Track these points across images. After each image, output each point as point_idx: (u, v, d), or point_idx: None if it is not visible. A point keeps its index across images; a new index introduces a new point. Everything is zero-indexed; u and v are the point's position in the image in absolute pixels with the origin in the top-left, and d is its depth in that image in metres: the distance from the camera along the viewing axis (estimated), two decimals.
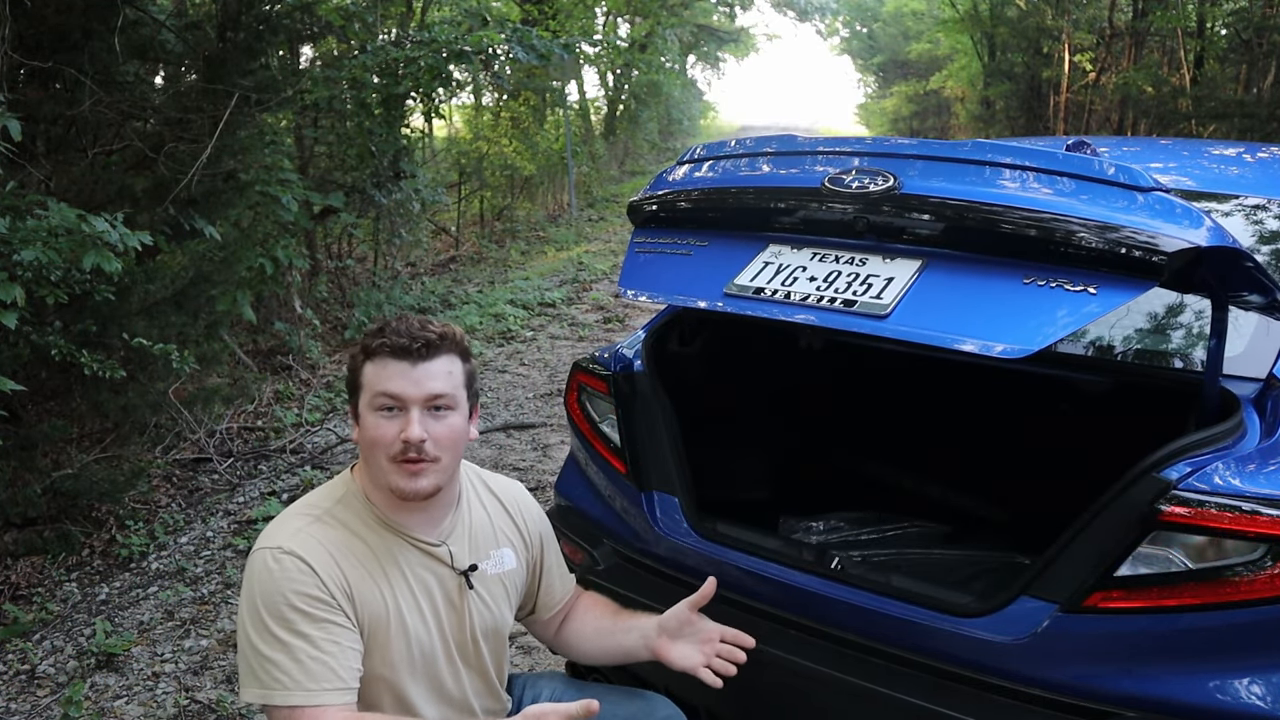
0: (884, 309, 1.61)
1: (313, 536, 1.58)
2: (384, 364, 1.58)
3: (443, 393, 1.60)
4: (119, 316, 3.86)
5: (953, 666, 1.73)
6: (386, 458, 1.58)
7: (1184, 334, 2.04)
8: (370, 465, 1.62)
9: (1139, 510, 1.56)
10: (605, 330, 7.58)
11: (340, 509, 1.64)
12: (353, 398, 1.64)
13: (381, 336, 1.59)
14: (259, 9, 4.58)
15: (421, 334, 1.59)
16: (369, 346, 1.60)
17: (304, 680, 1.49)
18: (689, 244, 1.97)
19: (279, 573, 1.52)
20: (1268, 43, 10.48)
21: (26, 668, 3.16)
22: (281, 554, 1.53)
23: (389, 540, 1.64)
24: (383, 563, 1.62)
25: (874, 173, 1.71)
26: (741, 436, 2.69)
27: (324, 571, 1.54)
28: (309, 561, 1.53)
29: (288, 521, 1.62)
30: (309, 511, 1.63)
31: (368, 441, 1.59)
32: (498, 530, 1.80)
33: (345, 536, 1.61)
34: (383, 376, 1.58)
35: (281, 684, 1.49)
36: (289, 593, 1.51)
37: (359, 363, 1.61)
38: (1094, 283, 1.47)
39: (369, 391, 1.59)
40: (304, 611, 1.51)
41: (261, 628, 1.51)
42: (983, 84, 16.85)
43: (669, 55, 20.27)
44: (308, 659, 1.49)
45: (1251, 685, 1.53)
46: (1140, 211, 1.47)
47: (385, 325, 1.61)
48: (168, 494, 4.50)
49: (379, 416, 1.58)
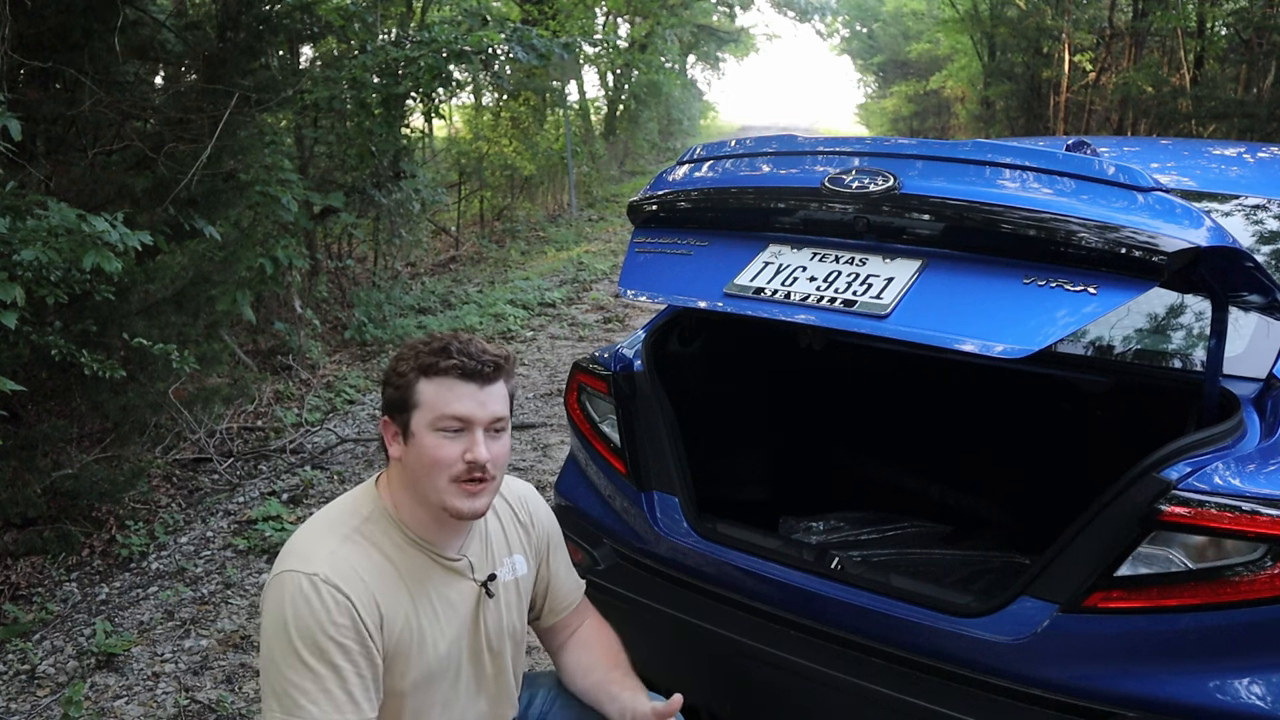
0: (884, 309, 1.61)
1: (347, 562, 1.56)
2: (450, 385, 1.57)
3: (503, 415, 1.61)
4: (119, 316, 3.86)
5: (953, 666, 1.73)
6: (449, 478, 1.57)
7: (1184, 334, 2.04)
8: (422, 484, 1.59)
9: (1139, 510, 1.56)
10: (605, 330, 7.58)
11: (369, 527, 1.62)
12: (401, 414, 1.60)
13: (449, 357, 1.57)
14: (259, 9, 4.58)
15: (490, 358, 1.59)
16: (432, 366, 1.57)
17: (330, 711, 1.49)
18: (689, 244, 1.98)
19: (317, 603, 1.51)
20: (1268, 43, 10.48)
21: (26, 668, 3.16)
22: (320, 582, 1.52)
23: (414, 559, 1.63)
24: (409, 584, 1.61)
25: (874, 173, 1.71)
26: (741, 436, 2.69)
27: (360, 604, 1.53)
28: (348, 595, 1.52)
29: (319, 541, 1.59)
30: (337, 529, 1.61)
31: (427, 461, 1.57)
32: (510, 537, 1.80)
33: (376, 559, 1.59)
34: (449, 398, 1.56)
35: (308, 712, 1.49)
36: (326, 624, 1.50)
37: (412, 380, 1.58)
38: (1094, 283, 1.47)
39: (430, 412, 1.57)
40: (339, 643, 1.51)
41: (291, 653, 1.50)
42: (983, 84, 16.84)
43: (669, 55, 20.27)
44: (336, 689, 1.50)
45: (1251, 685, 1.53)
46: (1140, 211, 1.47)
47: (447, 345, 1.59)
48: (168, 494, 4.50)
49: (441, 437, 1.56)
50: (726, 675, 2.07)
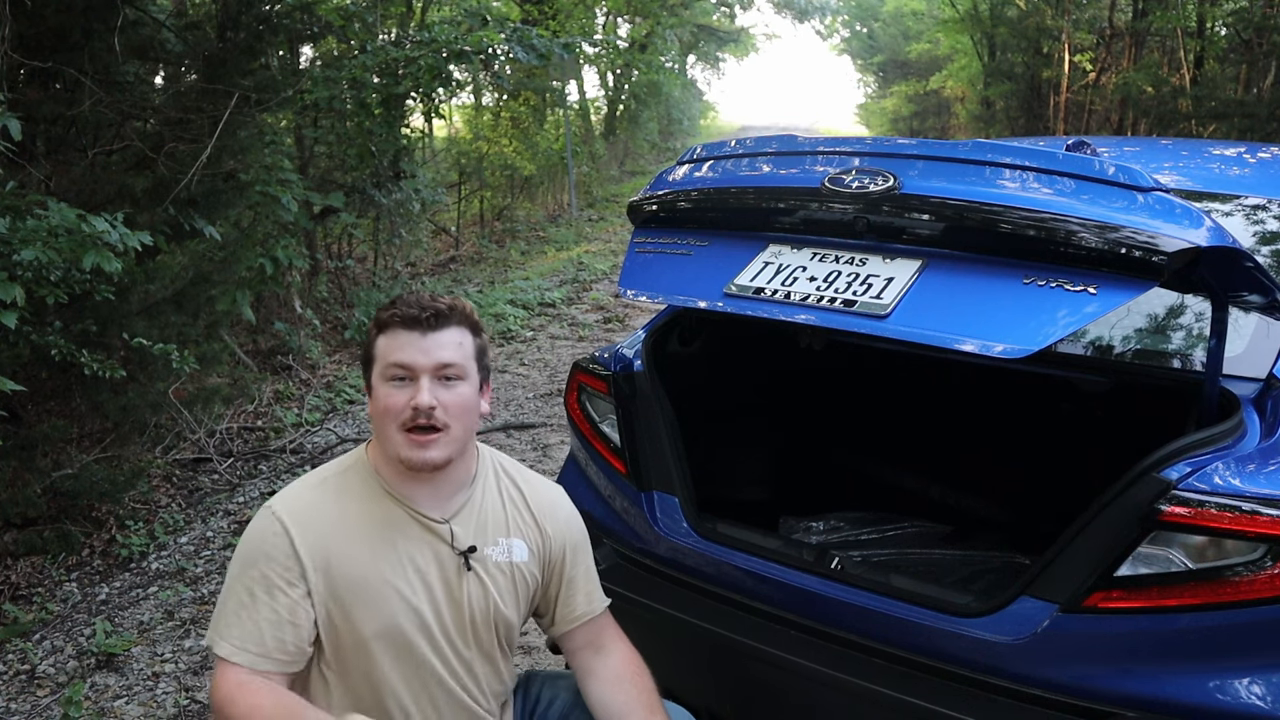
0: (884, 309, 1.61)
1: (304, 499, 1.65)
2: (395, 335, 1.63)
3: (452, 361, 1.64)
4: (119, 316, 3.86)
5: (953, 666, 1.73)
6: (397, 427, 1.61)
7: (1184, 334, 2.04)
8: (381, 437, 1.65)
9: (1139, 510, 1.56)
10: (605, 330, 7.58)
11: (343, 478, 1.69)
12: (366, 372, 1.68)
13: (393, 308, 1.64)
14: (259, 9, 4.58)
15: (431, 305, 1.64)
16: (381, 319, 1.65)
17: (234, 635, 1.56)
18: (689, 244, 1.98)
19: (258, 532, 1.61)
20: (1268, 43, 10.48)
21: (26, 668, 3.16)
22: (270, 515, 1.61)
23: (389, 510, 1.66)
24: (376, 530, 1.64)
25: (874, 173, 1.71)
26: (741, 436, 2.69)
27: (300, 541, 1.59)
28: (289, 528, 1.60)
29: (292, 485, 1.70)
30: (313, 477, 1.71)
31: (379, 411, 1.63)
32: (511, 520, 1.77)
33: (340, 502, 1.65)
34: (394, 347, 1.62)
35: (219, 631, 1.58)
36: (258, 554, 1.59)
37: (372, 336, 1.66)
38: (1094, 283, 1.47)
39: (381, 362, 1.63)
40: (263, 574, 1.58)
41: (232, 577, 1.61)
42: (983, 84, 16.84)
43: (669, 55, 20.27)
44: (247, 619, 1.57)
45: (1251, 685, 1.53)
46: (1140, 211, 1.47)
47: (397, 299, 1.66)
48: (168, 494, 4.50)
49: (390, 386, 1.62)
50: (727, 675, 2.07)
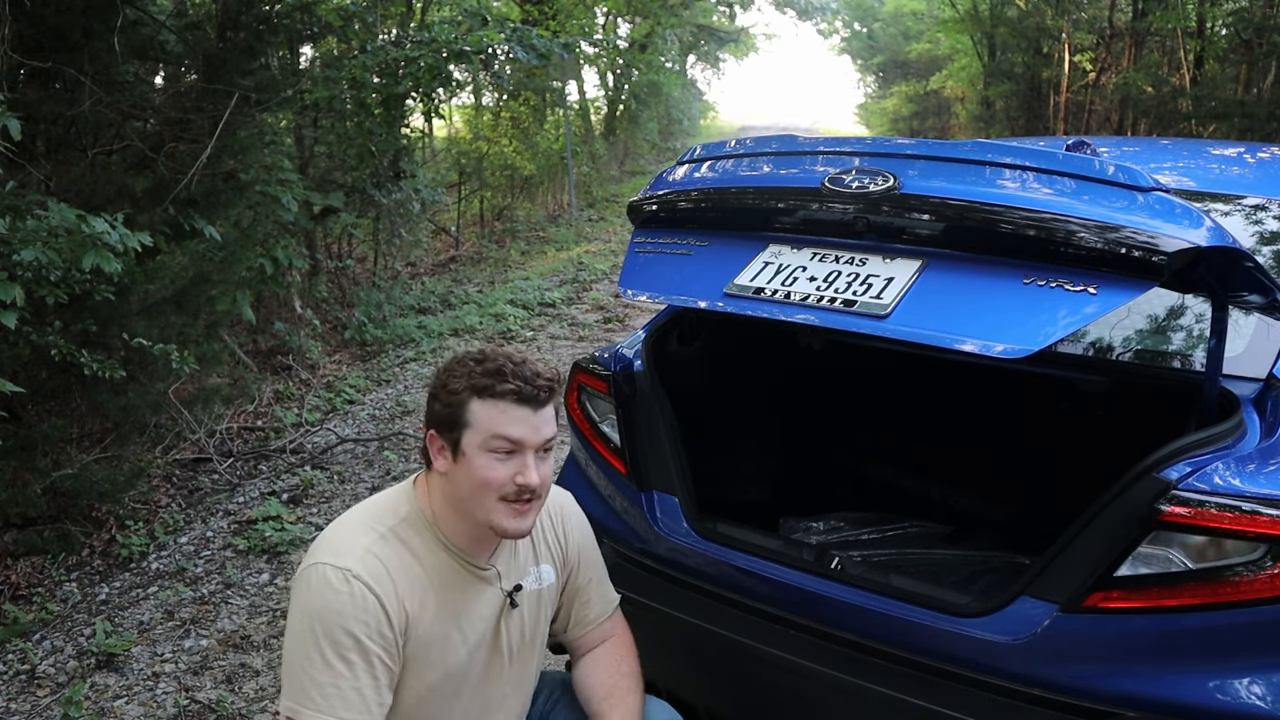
0: (884, 309, 1.61)
1: (379, 560, 1.57)
2: (505, 408, 1.57)
3: (554, 436, 1.63)
4: (119, 316, 3.86)
5: (953, 666, 1.73)
6: (498, 498, 1.58)
7: (1184, 334, 2.04)
8: (469, 502, 1.60)
9: (1139, 510, 1.56)
10: (605, 330, 7.58)
11: (404, 529, 1.63)
12: (450, 431, 1.59)
13: (505, 381, 1.56)
14: (259, 9, 4.58)
15: (542, 381, 1.59)
16: (486, 387, 1.57)
17: (338, 706, 1.50)
18: (689, 244, 1.98)
19: (345, 598, 1.52)
20: (1268, 43, 10.47)
21: (26, 668, 3.16)
22: (351, 578, 1.53)
23: (444, 564, 1.64)
24: (437, 588, 1.62)
25: (874, 173, 1.71)
26: (741, 436, 2.69)
27: (389, 604, 1.54)
28: (377, 593, 1.53)
29: (353, 537, 1.60)
30: (374, 527, 1.61)
31: (477, 482, 1.57)
32: (539, 547, 1.80)
33: (407, 560, 1.60)
34: (502, 420, 1.56)
35: (315, 704, 1.50)
36: (351, 621, 1.51)
37: (465, 399, 1.58)
38: (1094, 283, 1.47)
39: (483, 432, 1.57)
40: (359, 642, 1.52)
41: (312, 643, 1.52)
42: (983, 84, 16.84)
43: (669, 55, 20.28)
44: (349, 687, 1.51)
45: (1251, 685, 1.53)
46: (1140, 211, 1.47)
47: (501, 368, 1.58)
48: (168, 494, 4.50)
49: (493, 458, 1.57)
50: (727, 675, 2.07)
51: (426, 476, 1.68)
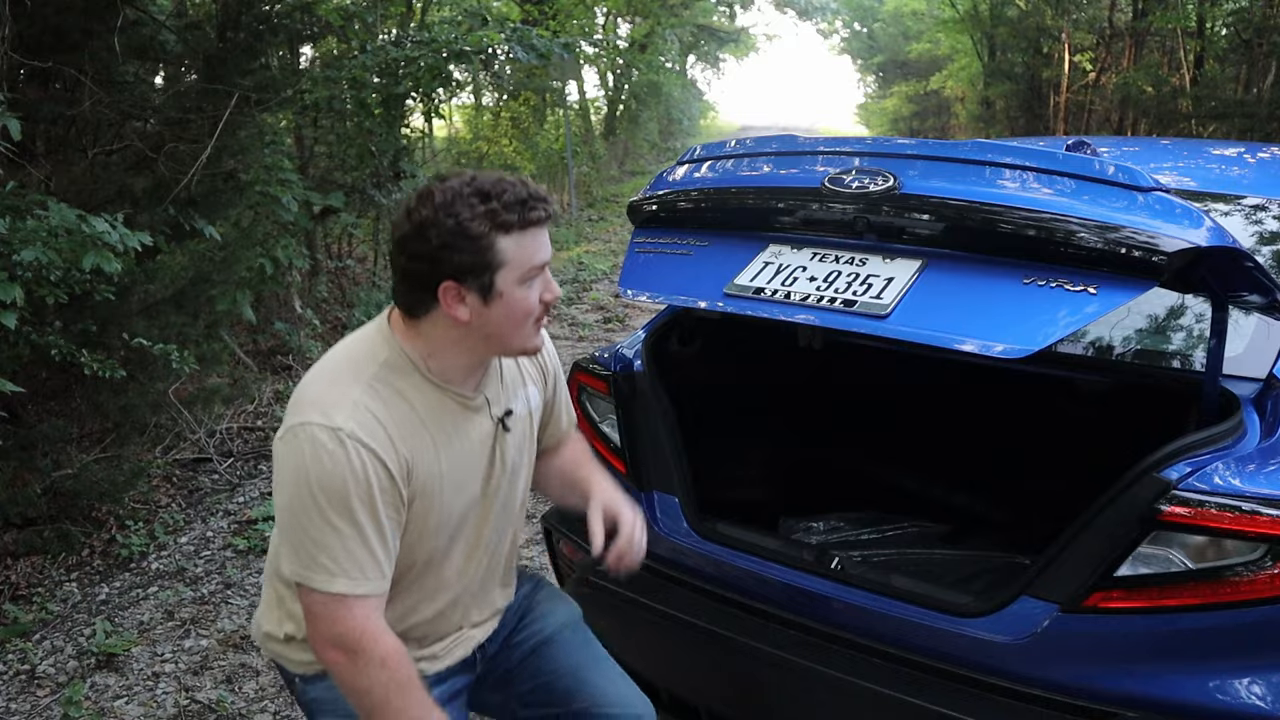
0: (884, 309, 1.61)
1: (369, 412, 1.49)
2: (535, 234, 1.50)
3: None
4: (119, 316, 3.86)
5: (953, 666, 1.73)
6: (533, 322, 1.55)
7: (1184, 334, 2.04)
8: (504, 337, 1.54)
9: (1139, 510, 1.56)
10: (605, 330, 7.57)
11: (388, 374, 1.54)
12: (479, 275, 1.48)
13: (527, 209, 1.48)
14: (259, 9, 4.58)
15: (537, 195, 1.51)
16: (512, 221, 1.47)
17: (350, 569, 1.47)
18: (689, 244, 1.98)
19: (343, 459, 1.45)
20: (1268, 43, 10.47)
21: (26, 668, 3.16)
22: (346, 438, 1.45)
23: (434, 399, 1.57)
24: (431, 427, 1.56)
25: (874, 173, 1.71)
26: (741, 436, 2.69)
27: (387, 457, 1.48)
28: (375, 449, 1.47)
29: (338, 390, 1.51)
30: (358, 377, 1.52)
31: (519, 315, 1.52)
32: (524, 369, 1.77)
33: (398, 405, 1.53)
34: (534, 248, 1.50)
35: (326, 569, 1.46)
36: (351, 482, 1.45)
37: (493, 239, 1.46)
38: (1094, 283, 1.47)
39: (520, 267, 1.49)
40: (365, 502, 1.47)
41: (314, 510, 1.46)
42: (983, 84, 16.84)
43: (669, 55, 20.28)
44: (358, 548, 1.47)
45: (1251, 685, 1.53)
46: (1140, 211, 1.47)
47: (515, 195, 1.48)
48: (168, 494, 4.50)
49: (527, 289, 1.51)
50: (727, 675, 2.07)
51: (413, 323, 1.56)
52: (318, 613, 1.50)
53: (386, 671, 1.49)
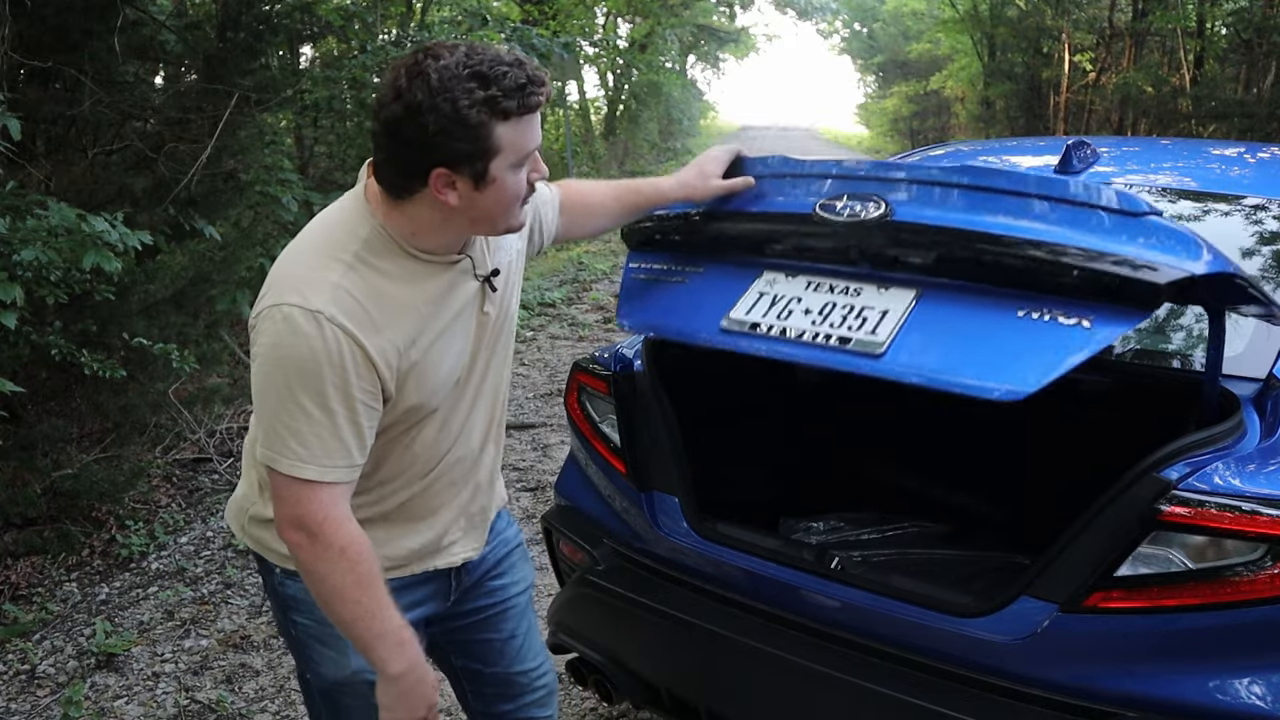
0: (878, 347, 1.61)
1: (349, 294, 1.44)
2: (529, 120, 1.44)
3: None
4: (119, 316, 3.86)
5: (953, 666, 1.73)
6: (520, 202, 1.51)
7: (1184, 334, 2.04)
8: (493, 220, 1.50)
9: (1139, 510, 1.56)
10: (605, 330, 7.57)
11: (368, 253, 1.48)
12: (474, 163, 1.42)
13: (525, 95, 1.41)
14: (259, 9, 4.58)
15: (535, 75, 1.43)
16: (511, 108, 1.40)
17: (320, 455, 1.44)
18: (684, 270, 1.98)
19: (320, 344, 1.40)
20: (1268, 43, 10.48)
21: (26, 668, 3.16)
22: (325, 321, 1.40)
23: (416, 270, 1.52)
24: (415, 299, 1.51)
25: (866, 198, 1.71)
26: (741, 436, 2.69)
27: (368, 342, 1.44)
28: (354, 334, 1.42)
29: (318, 271, 1.45)
30: (338, 256, 1.46)
31: (509, 198, 1.47)
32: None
33: (380, 283, 1.47)
34: (527, 133, 1.45)
35: (295, 454, 1.43)
36: (327, 367, 1.41)
37: (491, 126, 1.40)
38: (1089, 314, 1.46)
39: (514, 153, 1.44)
40: (339, 388, 1.43)
41: (287, 393, 1.42)
42: (983, 84, 16.86)
43: (669, 55, 20.29)
44: (329, 435, 1.44)
45: (1251, 685, 1.53)
46: (1136, 239, 1.47)
47: (514, 80, 1.40)
48: (168, 494, 4.50)
49: (519, 173, 1.47)
50: (727, 675, 2.07)
51: (395, 203, 1.49)
52: (283, 494, 1.47)
53: (346, 560, 1.45)
